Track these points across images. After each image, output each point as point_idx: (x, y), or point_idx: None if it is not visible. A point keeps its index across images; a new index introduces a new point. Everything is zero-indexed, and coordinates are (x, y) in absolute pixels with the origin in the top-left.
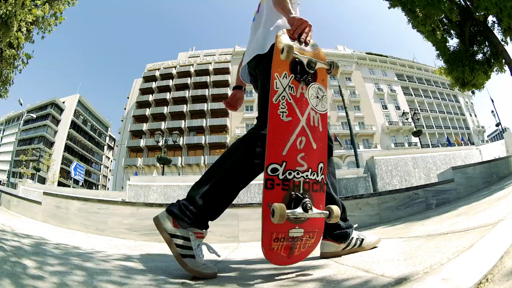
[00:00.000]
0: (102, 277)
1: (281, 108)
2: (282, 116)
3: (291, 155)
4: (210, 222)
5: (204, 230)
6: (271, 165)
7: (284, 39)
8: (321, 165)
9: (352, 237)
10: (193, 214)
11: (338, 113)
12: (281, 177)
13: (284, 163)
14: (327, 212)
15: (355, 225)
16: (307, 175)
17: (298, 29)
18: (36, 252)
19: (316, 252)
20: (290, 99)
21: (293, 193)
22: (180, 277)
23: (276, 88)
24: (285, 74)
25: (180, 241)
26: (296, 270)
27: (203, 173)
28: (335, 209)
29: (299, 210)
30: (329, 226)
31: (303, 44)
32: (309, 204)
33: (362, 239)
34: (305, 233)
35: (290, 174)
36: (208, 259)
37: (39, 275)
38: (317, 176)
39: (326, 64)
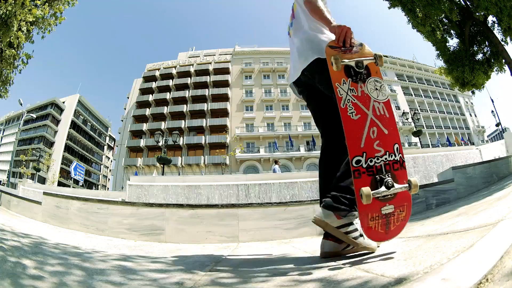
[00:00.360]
0: (100, 277)
1: (349, 109)
2: (352, 116)
3: (368, 145)
4: (210, 222)
5: (356, 211)
6: (354, 158)
7: (330, 52)
8: (396, 146)
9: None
10: (350, 201)
11: None
12: (364, 165)
13: (364, 154)
14: (407, 185)
15: None
16: (386, 158)
17: (341, 37)
18: (36, 252)
19: (317, 252)
20: (354, 100)
21: (377, 176)
22: (179, 277)
23: (340, 95)
24: (343, 80)
25: (348, 228)
26: (296, 270)
27: (343, 165)
28: (414, 180)
29: (382, 188)
30: None
31: (349, 47)
32: (390, 182)
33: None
34: (395, 208)
35: (371, 161)
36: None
37: (38, 275)
38: (395, 156)
39: (371, 59)
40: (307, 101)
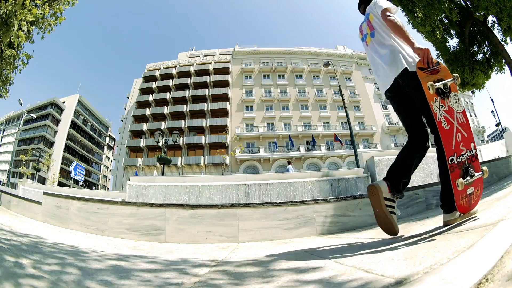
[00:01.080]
0: (96, 276)
1: (443, 122)
2: (445, 127)
3: (456, 147)
4: (209, 222)
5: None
6: (450, 157)
7: (422, 75)
8: (472, 143)
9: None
10: (404, 184)
11: (338, 113)
12: (456, 162)
13: (455, 153)
14: (481, 172)
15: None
16: (467, 154)
17: (425, 59)
18: (34, 251)
19: (317, 252)
20: (444, 114)
21: (463, 168)
22: (178, 278)
23: (435, 111)
24: (435, 98)
25: (388, 203)
26: (296, 271)
27: (415, 160)
28: (485, 168)
29: (468, 178)
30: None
31: (432, 68)
32: (472, 172)
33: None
34: (474, 189)
35: (459, 158)
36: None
37: (35, 274)
38: (472, 151)
39: (452, 80)
40: (397, 105)
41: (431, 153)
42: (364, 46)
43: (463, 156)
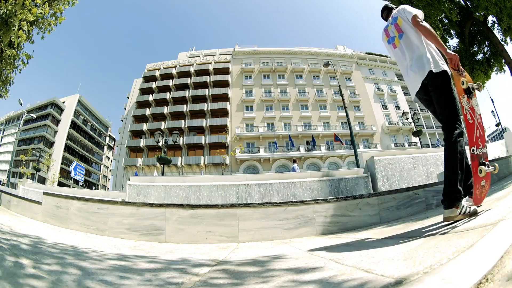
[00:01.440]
0: (96, 276)
1: (468, 116)
2: (469, 120)
3: (476, 141)
4: (209, 222)
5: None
6: (471, 148)
7: (454, 73)
8: (485, 143)
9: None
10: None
11: (338, 113)
12: (475, 153)
13: (475, 145)
14: (493, 167)
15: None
16: (482, 150)
17: (455, 62)
18: (33, 251)
19: (317, 252)
20: (469, 110)
21: (480, 160)
22: (178, 278)
23: (463, 105)
24: (463, 95)
25: (461, 210)
26: (296, 271)
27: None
28: (496, 165)
29: (485, 167)
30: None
31: (460, 71)
32: (488, 164)
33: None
34: (485, 183)
35: (477, 150)
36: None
37: (35, 274)
38: (486, 148)
39: (475, 85)
40: (428, 106)
41: (430, 154)
42: (389, 48)
43: (480, 150)
